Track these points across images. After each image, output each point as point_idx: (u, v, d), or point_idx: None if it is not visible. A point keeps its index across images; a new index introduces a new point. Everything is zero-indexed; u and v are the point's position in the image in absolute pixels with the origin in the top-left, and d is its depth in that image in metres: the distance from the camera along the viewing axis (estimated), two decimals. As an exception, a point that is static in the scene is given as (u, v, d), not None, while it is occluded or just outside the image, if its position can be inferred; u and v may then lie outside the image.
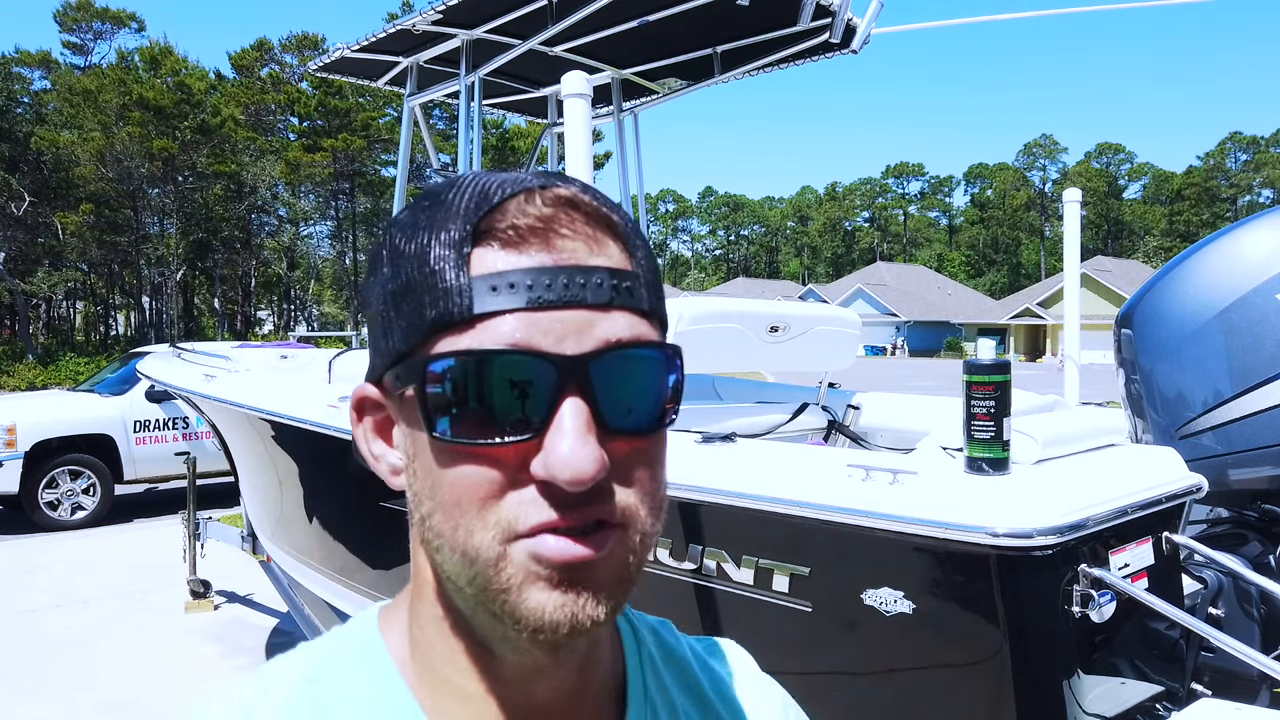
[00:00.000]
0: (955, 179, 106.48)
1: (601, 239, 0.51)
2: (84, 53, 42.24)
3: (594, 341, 0.48)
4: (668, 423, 0.52)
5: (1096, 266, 49.92)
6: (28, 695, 4.75)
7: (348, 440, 3.39)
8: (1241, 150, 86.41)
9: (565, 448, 0.46)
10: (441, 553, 0.50)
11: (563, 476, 0.46)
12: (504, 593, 0.48)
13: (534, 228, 0.49)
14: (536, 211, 0.50)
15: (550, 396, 0.47)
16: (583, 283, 0.49)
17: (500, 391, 0.47)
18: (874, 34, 3.68)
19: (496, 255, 0.49)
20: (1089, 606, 1.80)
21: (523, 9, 3.47)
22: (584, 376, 0.48)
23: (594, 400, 0.48)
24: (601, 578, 0.48)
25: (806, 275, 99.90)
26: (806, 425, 3.46)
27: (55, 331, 41.27)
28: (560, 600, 0.47)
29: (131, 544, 8.05)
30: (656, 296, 0.53)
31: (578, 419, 0.47)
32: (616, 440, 0.49)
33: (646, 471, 0.51)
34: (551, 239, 0.49)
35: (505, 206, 0.50)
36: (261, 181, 39.27)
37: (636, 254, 0.53)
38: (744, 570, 2.12)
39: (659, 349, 0.51)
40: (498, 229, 0.49)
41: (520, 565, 0.48)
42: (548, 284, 0.48)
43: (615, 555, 0.49)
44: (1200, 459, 2.45)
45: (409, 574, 0.59)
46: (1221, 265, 2.57)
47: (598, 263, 0.50)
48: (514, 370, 0.47)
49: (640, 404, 0.50)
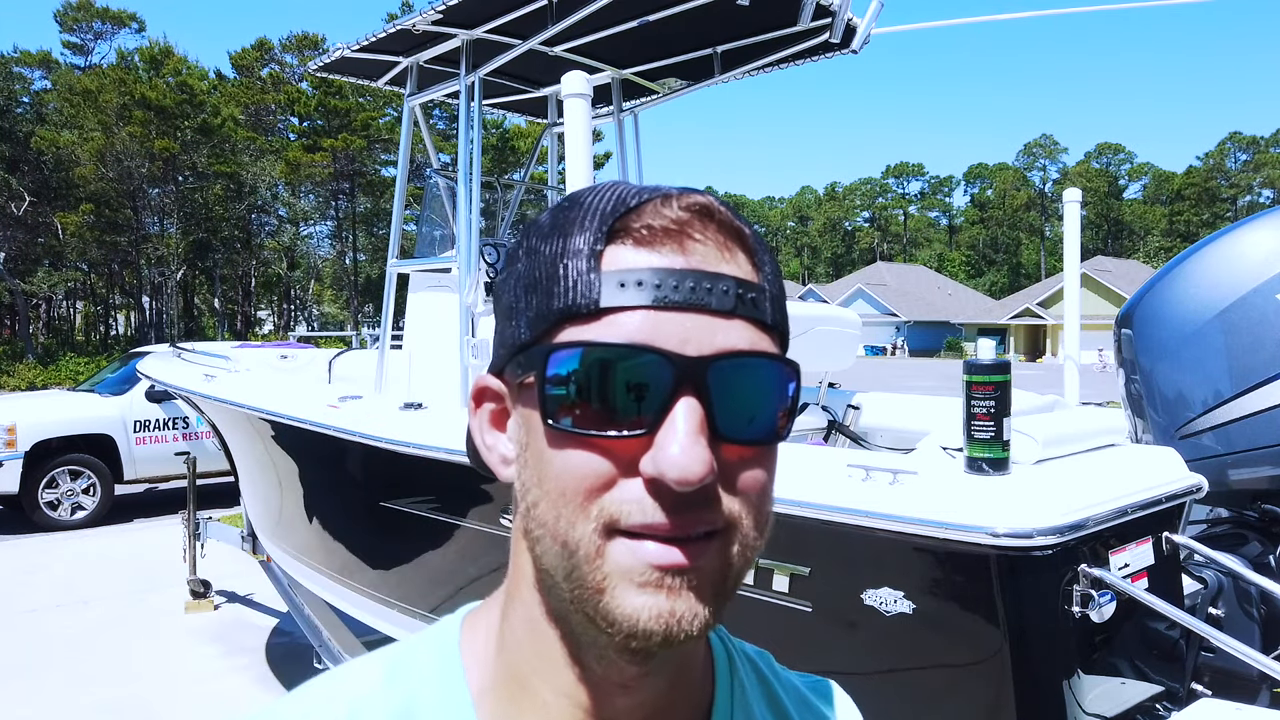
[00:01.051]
0: (955, 179, 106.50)
1: (732, 249, 0.52)
2: (84, 53, 42.25)
3: (714, 346, 0.49)
4: (781, 436, 0.52)
5: (1096, 266, 49.93)
6: (28, 695, 4.75)
7: (348, 440, 3.40)
8: (1241, 150, 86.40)
9: (676, 448, 0.46)
10: (542, 543, 0.50)
11: (671, 475, 0.46)
12: (599, 592, 0.48)
13: (668, 229, 0.50)
14: (672, 214, 0.51)
15: (666, 395, 0.48)
16: (709, 288, 0.49)
17: (618, 385, 0.48)
18: (874, 34, 3.68)
19: (628, 253, 0.50)
20: (1089, 606, 1.80)
21: (523, 9, 3.47)
22: (701, 379, 0.48)
23: (709, 404, 0.48)
24: (699, 586, 0.48)
25: (806, 275, 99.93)
26: (806, 425, 3.46)
27: (55, 331, 41.27)
28: (655, 607, 0.47)
29: (131, 544, 8.05)
30: (780, 313, 0.54)
31: (691, 420, 0.47)
32: (727, 447, 0.49)
33: (755, 482, 0.51)
34: (684, 242, 0.50)
35: (642, 209, 0.51)
36: (261, 181, 39.28)
37: (764, 269, 0.54)
38: (744, 570, 2.12)
39: (777, 362, 0.51)
40: (632, 228, 0.51)
41: (617, 564, 0.48)
42: (675, 285, 0.49)
43: (714, 564, 0.49)
44: (1200, 459, 2.45)
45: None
46: (1221, 265, 2.57)
47: (726, 270, 0.51)
48: (634, 366, 0.48)
49: (754, 414, 0.50)
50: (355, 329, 29.91)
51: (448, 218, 4.24)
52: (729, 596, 0.50)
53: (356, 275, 44.80)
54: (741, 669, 0.64)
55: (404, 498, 3.23)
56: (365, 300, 45.65)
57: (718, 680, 0.61)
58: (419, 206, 5.03)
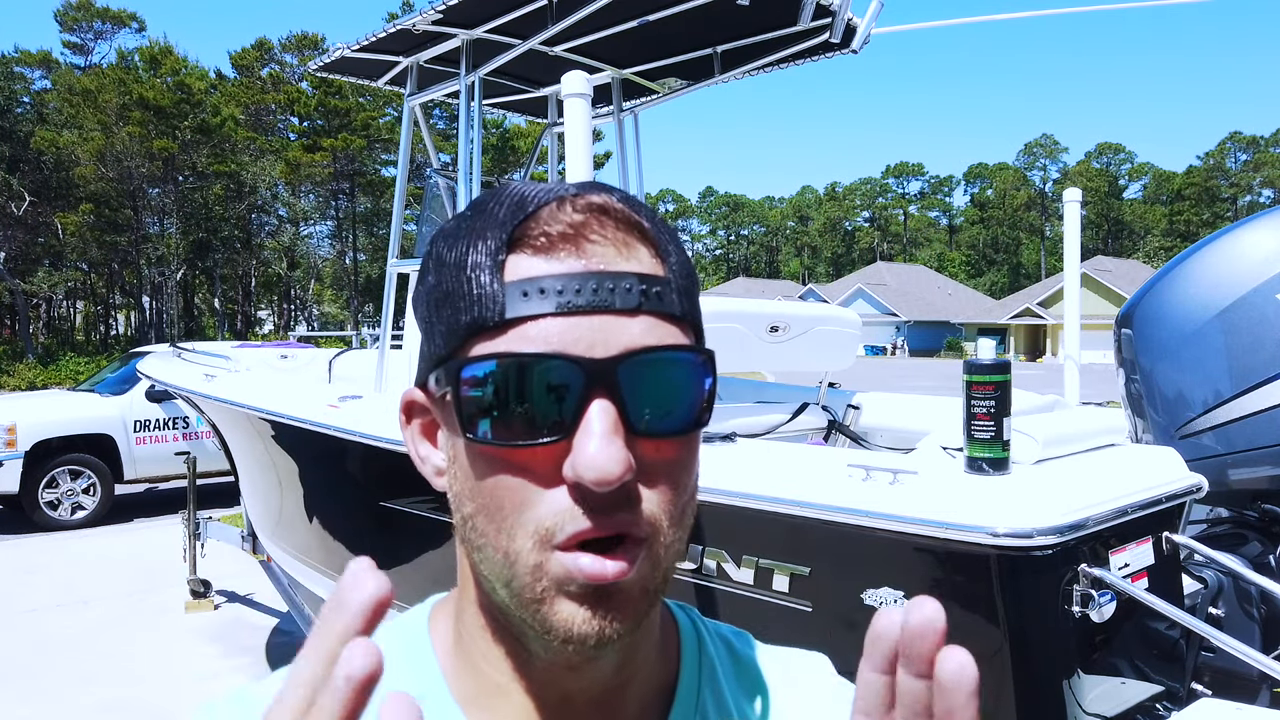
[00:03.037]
0: (955, 179, 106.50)
1: (632, 244, 0.52)
2: (84, 52, 42.25)
3: (621, 345, 0.49)
4: (699, 425, 0.53)
5: (1096, 266, 49.91)
6: (28, 695, 4.75)
7: (348, 440, 3.40)
8: (1241, 150, 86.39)
9: (592, 448, 0.47)
10: (483, 552, 0.52)
11: (588, 476, 0.47)
12: (537, 602, 0.50)
13: (565, 234, 0.51)
14: (568, 218, 0.51)
15: (579, 399, 0.48)
16: (611, 288, 0.50)
17: (531, 394, 0.49)
18: (874, 34, 3.68)
19: (529, 261, 0.51)
20: (1089, 606, 1.80)
21: (523, 9, 3.47)
22: (611, 379, 0.49)
23: (621, 402, 0.49)
24: (627, 593, 0.50)
25: (806, 275, 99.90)
26: (806, 425, 3.46)
27: (55, 331, 41.28)
28: (588, 615, 0.49)
29: (131, 544, 8.05)
30: (689, 301, 0.54)
31: (604, 420, 0.48)
32: (645, 442, 0.50)
33: (675, 476, 0.52)
34: (582, 245, 0.51)
35: (538, 214, 0.51)
36: (261, 181, 39.28)
37: (669, 259, 0.54)
38: (744, 570, 2.12)
39: (687, 353, 0.52)
40: (530, 236, 0.51)
41: (554, 578, 0.49)
42: (577, 289, 0.49)
43: (640, 570, 0.50)
44: (1200, 459, 2.45)
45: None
46: (1221, 265, 2.57)
47: (627, 268, 0.51)
48: (544, 373, 0.49)
49: (668, 406, 0.51)
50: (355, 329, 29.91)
51: (448, 217, 4.23)
52: (659, 594, 0.52)
53: (356, 275, 44.81)
54: (712, 647, 0.65)
55: (404, 498, 3.23)
56: (365, 300, 45.65)
57: (684, 659, 0.63)
58: (419, 206, 5.02)
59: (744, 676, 0.65)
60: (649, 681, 0.60)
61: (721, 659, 0.65)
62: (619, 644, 0.51)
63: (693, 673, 0.63)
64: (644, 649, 0.59)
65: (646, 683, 0.60)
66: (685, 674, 0.62)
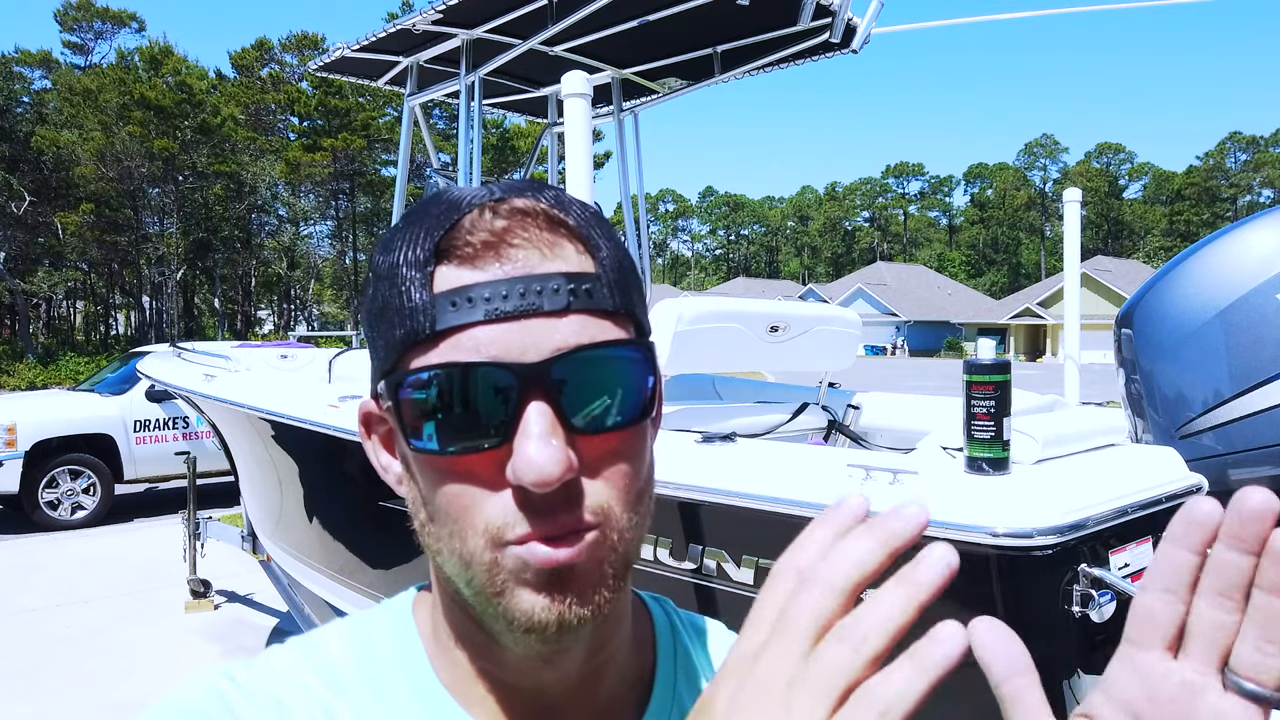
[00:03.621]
0: (955, 179, 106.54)
1: (558, 244, 0.52)
2: (84, 52, 42.26)
3: (551, 347, 0.50)
4: (645, 415, 0.53)
5: (1096, 266, 49.91)
6: (28, 695, 4.75)
7: (348, 440, 3.40)
8: (1241, 150, 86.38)
9: (531, 450, 0.48)
10: (441, 556, 0.53)
11: (528, 478, 0.48)
12: (498, 595, 0.51)
13: (488, 242, 0.51)
14: (489, 226, 0.52)
15: (514, 404, 0.49)
16: (539, 290, 0.50)
17: (468, 402, 0.50)
18: (874, 34, 3.68)
19: (456, 272, 0.51)
20: (1089, 606, 1.80)
21: (523, 9, 3.47)
22: (545, 381, 0.49)
23: (557, 403, 0.49)
24: (584, 578, 0.50)
25: (806, 275, 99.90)
26: (806, 425, 3.46)
27: (55, 331, 41.26)
28: (546, 602, 0.50)
29: (131, 544, 8.05)
30: (622, 294, 0.54)
31: (541, 422, 0.48)
32: (586, 439, 0.50)
33: (622, 468, 0.52)
34: (504, 250, 0.51)
35: (461, 223, 0.52)
36: (261, 181, 39.27)
37: (599, 254, 0.53)
38: (744, 570, 2.12)
39: (620, 347, 0.52)
40: (456, 246, 0.52)
41: (510, 570, 0.50)
42: (504, 295, 0.50)
43: (595, 556, 0.51)
44: (1200, 459, 2.45)
45: (408, 574, 0.61)
46: (1221, 265, 2.57)
47: (552, 269, 0.51)
48: (479, 381, 0.49)
49: (609, 401, 0.51)
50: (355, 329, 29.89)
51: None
52: (619, 579, 0.52)
53: (356, 275, 44.78)
54: (686, 639, 0.66)
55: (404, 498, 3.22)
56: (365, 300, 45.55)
57: (660, 650, 0.64)
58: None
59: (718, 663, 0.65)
60: (624, 672, 0.61)
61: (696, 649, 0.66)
62: (582, 630, 0.51)
63: (669, 663, 0.64)
64: (616, 638, 0.60)
65: (621, 673, 0.61)
66: (661, 665, 0.63)
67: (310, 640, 0.62)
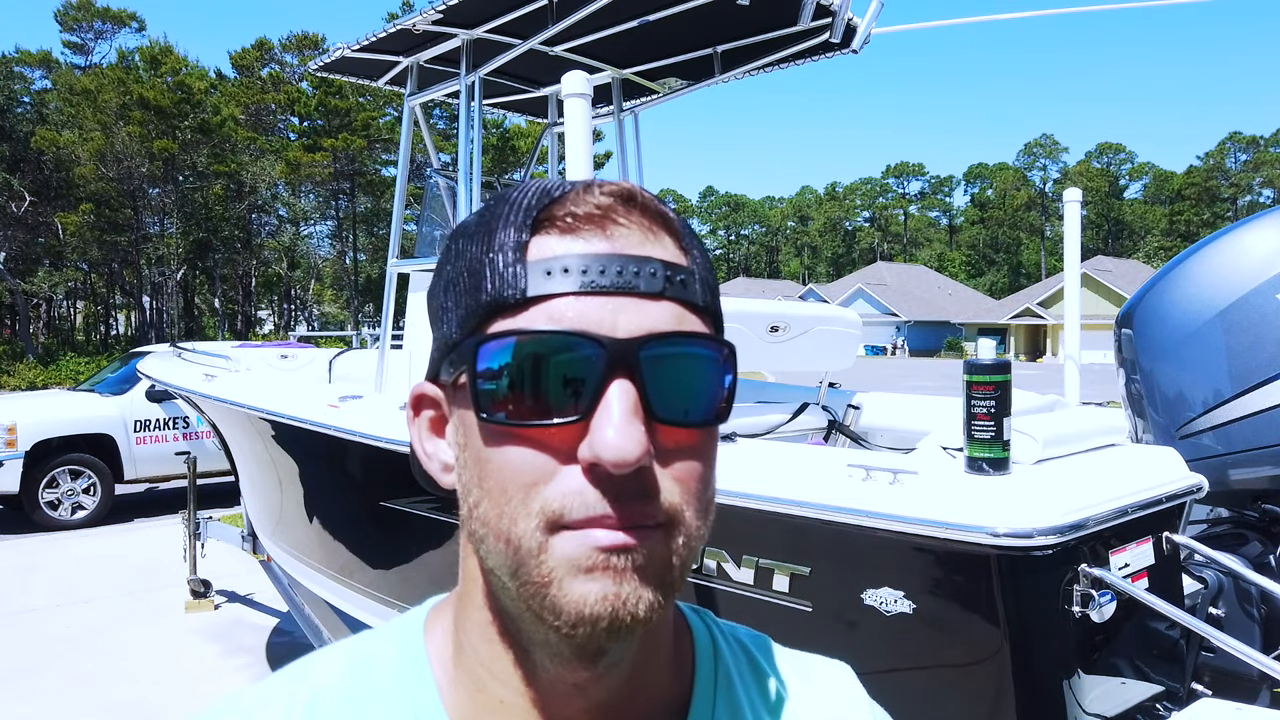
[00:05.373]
0: (955, 179, 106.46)
1: (657, 232, 0.52)
2: (84, 52, 42.25)
3: (644, 328, 0.48)
4: (720, 418, 0.52)
5: (1096, 266, 49.90)
6: (28, 695, 4.75)
7: (348, 440, 3.40)
8: (1241, 150, 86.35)
9: (611, 430, 0.46)
10: (486, 543, 0.50)
11: (606, 457, 0.45)
12: (545, 585, 0.47)
13: (591, 215, 0.50)
14: (594, 200, 0.51)
15: (599, 380, 0.47)
16: (636, 270, 0.49)
17: (550, 373, 0.47)
18: (874, 34, 3.68)
19: (554, 241, 0.50)
20: (1089, 606, 1.80)
21: (523, 9, 3.47)
22: (633, 361, 0.47)
23: (642, 386, 0.47)
24: (644, 568, 0.47)
25: (806, 275, 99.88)
26: (806, 425, 3.46)
27: (55, 331, 41.26)
28: (602, 590, 0.46)
29: (131, 544, 8.05)
30: (710, 295, 0.53)
31: (625, 402, 0.47)
32: (663, 430, 0.49)
33: (693, 468, 0.50)
34: (608, 226, 0.50)
35: (564, 198, 0.51)
36: (261, 181, 39.27)
37: (692, 252, 0.53)
38: (744, 570, 2.12)
39: (712, 343, 0.51)
40: (556, 217, 0.50)
41: (563, 556, 0.47)
42: (601, 269, 0.49)
43: (658, 554, 0.48)
44: (1200, 459, 2.45)
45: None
46: (1221, 265, 2.57)
47: (652, 253, 0.51)
48: (565, 352, 0.47)
49: (689, 395, 0.50)
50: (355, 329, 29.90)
51: (448, 218, 4.23)
52: (675, 586, 0.50)
53: (356, 275, 44.79)
54: (729, 657, 0.62)
55: (404, 498, 3.23)
56: (365, 300, 45.63)
57: (699, 668, 0.60)
58: (419, 206, 5.03)
59: (764, 687, 0.62)
60: (659, 695, 0.57)
61: (740, 667, 0.62)
62: (632, 637, 0.48)
63: (708, 685, 0.59)
64: (657, 659, 0.56)
65: (657, 696, 0.57)
66: (700, 686, 0.59)
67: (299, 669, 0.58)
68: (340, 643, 0.60)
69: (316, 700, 0.55)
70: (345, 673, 0.57)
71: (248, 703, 0.56)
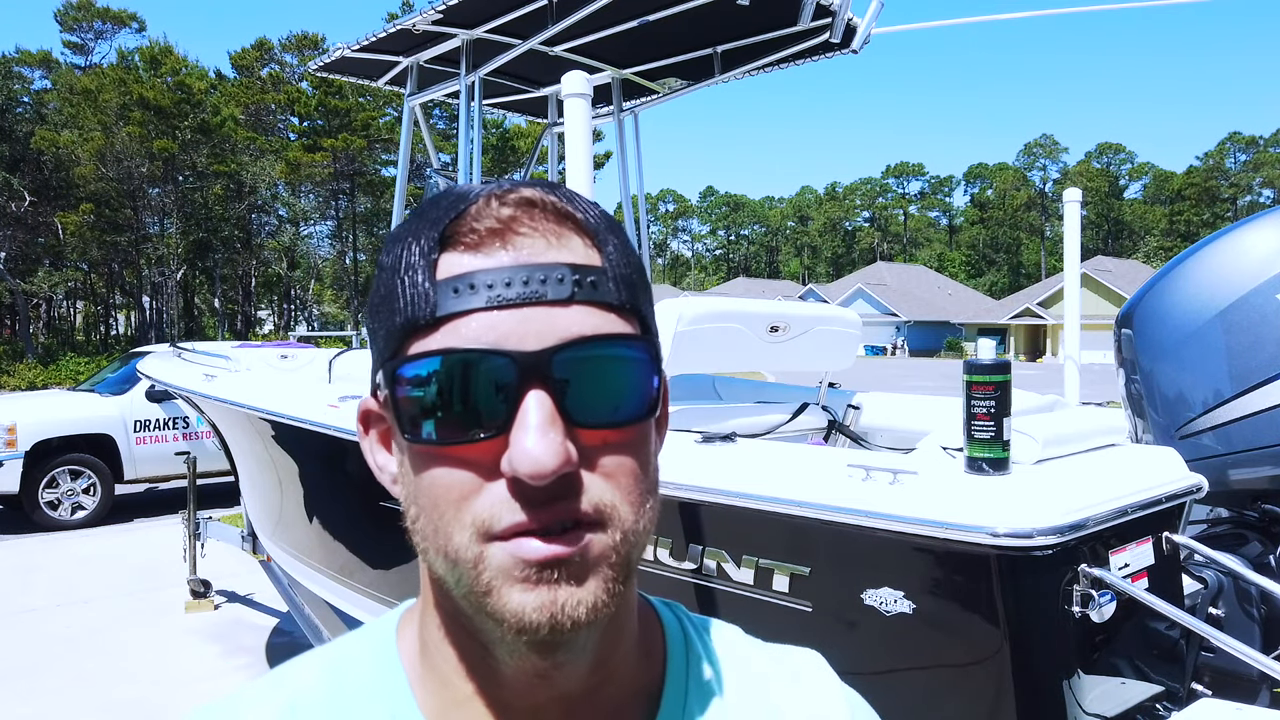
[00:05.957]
0: (955, 179, 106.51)
1: (564, 235, 0.52)
2: (84, 52, 42.27)
3: (555, 337, 0.48)
4: (649, 413, 0.52)
5: (1096, 266, 49.91)
6: (28, 695, 4.75)
7: (348, 440, 3.40)
8: (1241, 150, 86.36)
9: (528, 441, 0.46)
10: (428, 555, 0.51)
11: (524, 470, 0.46)
12: (486, 595, 0.48)
13: (494, 229, 0.50)
14: (495, 214, 0.51)
15: (513, 393, 0.48)
16: (542, 279, 0.49)
17: (466, 391, 0.48)
18: (874, 34, 3.68)
19: (459, 258, 0.50)
20: (1089, 606, 1.80)
21: (523, 9, 3.47)
22: (545, 371, 0.48)
23: (557, 394, 0.48)
24: (580, 574, 0.48)
25: (806, 275, 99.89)
26: (806, 425, 3.46)
27: (55, 331, 41.27)
28: (538, 600, 0.47)
29: (131, 544, 8.05)
30: (628, 290, 0.53)
31: (540, 413, 0.47)
32: (586, 433, 0.49)
33: (625, 465, 0.50)
34: (510, 238, 0.50)
35: (468, 212, 0.51)
36: (261, 181, 39.27)
37: (605, 248, 0.53)
38: (744, 570, 2.12)
39: (625, 341, 0.51)
40: (461, 233, 0.51)
41: (498, 567, 0.48)
42: (507, 282, 0.49)
43: (592, 553, 0.48)
44: (1200, 459, 2.45)
45: (408, 574, 0.60)
46: (1221, 265, 2.57)
47: (557, 258, 0.50)
48: (477, 369, 0.48)
49: (611, 396, 0.50)
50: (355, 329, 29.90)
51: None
52: (618, 582, 0.50)
53: (356, 275, 44.78)
54: (700, 646, 0.62)
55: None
56: (365, 300, 45.53)
57: (670, 660, 0.61)
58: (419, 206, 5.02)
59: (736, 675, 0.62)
60: (629, 686, 0.58)
61: (711, 657, 0.62)
62: (579, 636, 0.49)
63: (679, 674, 0.60)
64: (620, 651, 0.57)
65: (626, 687, 0.57)
66: (671, 676, 0.60)
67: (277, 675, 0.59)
68: (316, 649, 0.61)
69: (296, 702, 0.56)
70: (322, 676, 0.58)
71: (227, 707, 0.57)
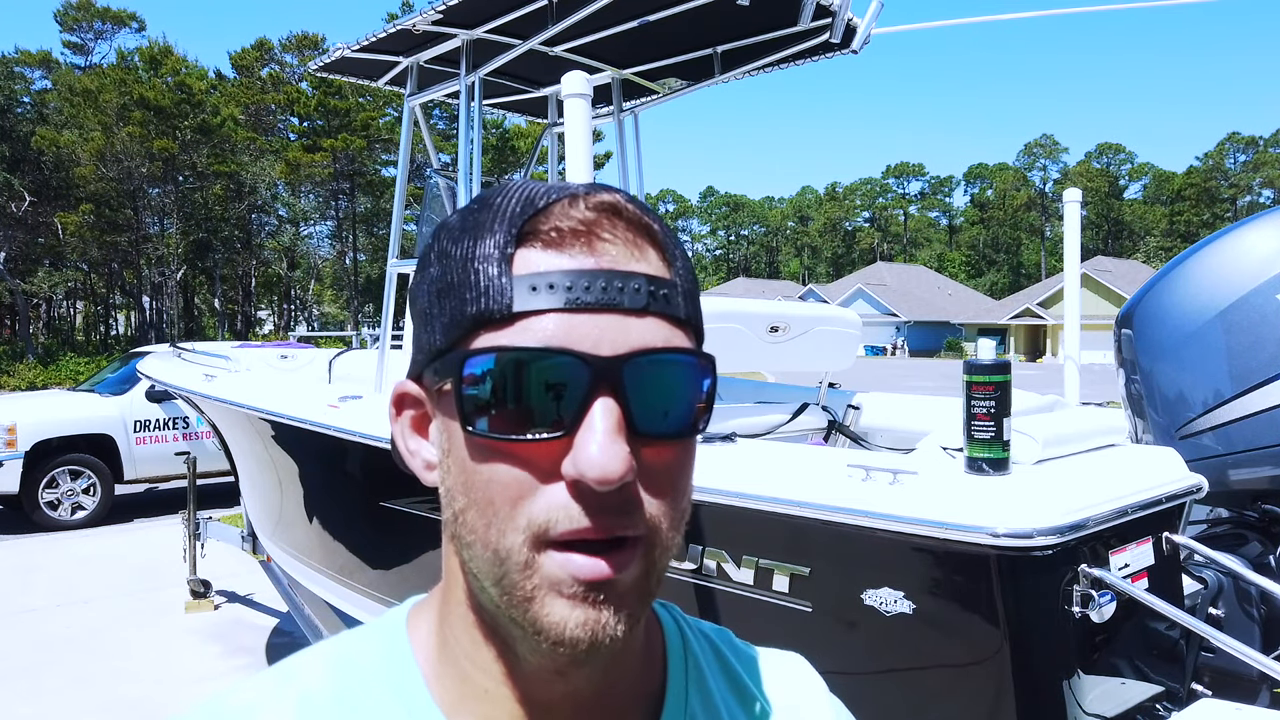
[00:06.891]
0: (955, 179, 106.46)
1: (642, 246, 0.52)
2: (84, 52, 42.27)
3: (628, 345, 0.49)
4: (698, 429, 0.53)
5: (1096, 266, 49.92)
6: (28, 695, 4.75)
7: (348, 440, 3.40)
8: (1241, 150, 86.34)
9: (595, 447, 0.47)
10: (473, 549, 0.51)
11: (591, 475, 0.46)
12: (528, 601, 0.49)
13: (576, 230, 0.51)
14: (580, 215, 0.51)
15: (583, 397, 0.48)
16: (620, 287, 0.50)
17: (535, 389, 0.48)
18: (874, 34, 3.68)
19: (539, 256, 0.50)
20: (1089, 606, 1.80)
21: (523, 9, 3.47)
22: (617, 378, 0.48)
23: (625, 402, 0.48)
24: (623, 595, 0.49)
25: (807, 275, 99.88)
26: (806, 425, 3.46)
27: (55, 331, 41.29)
28: (582, 617, 0.48)
29: (131, 544, 8.05)
30: (692, 306, 0.54)
31: (608, 419, 0.47)
32: (646, 444, 0.50)
33: (673, 480, 0.52)
34: (593, 242, 0.51)
35: (550, 210, 0.51)
36: (261, 181, 39.29)
37: (675, 263, 0.54)
38: (744, 570, 2.12)
39: (692, 356, 0.52)
40: (541, 230, 0.51)
41: (546, 576, 0.48)
42: (586, 286, 0.49)
43: (637, 571, 0.50)
44: (1200, 459, 2.45)
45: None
46: (1221, 265, 2.57)
47: (637, 268, 0.51)
48: (549, 369, 0.48)
49: (671, 409, 0.51)
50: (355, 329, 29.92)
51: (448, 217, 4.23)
52: (652, 596, 0.52)
53: (356, 275, 44.80)
54: (697, 648, 0.64)
55: (404, 498, 3.23)
56: (365, 300, 45.64)
57: (670, 661, 0.62)
58: (419, 206, 5.02)
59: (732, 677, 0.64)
60: (635, 686, 0.59)
61: (708, 659, 0.64)
62: (612, 648, 0.50)
63: (680, 675, 0.61)
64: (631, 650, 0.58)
65: (632, 687, 0.59)
66: (673, 677, 0.61)
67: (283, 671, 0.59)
68: (319, 644, 0.61)
69: (305, 700, 0.56)
70: (331, 672, 0.57)
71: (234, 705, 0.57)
